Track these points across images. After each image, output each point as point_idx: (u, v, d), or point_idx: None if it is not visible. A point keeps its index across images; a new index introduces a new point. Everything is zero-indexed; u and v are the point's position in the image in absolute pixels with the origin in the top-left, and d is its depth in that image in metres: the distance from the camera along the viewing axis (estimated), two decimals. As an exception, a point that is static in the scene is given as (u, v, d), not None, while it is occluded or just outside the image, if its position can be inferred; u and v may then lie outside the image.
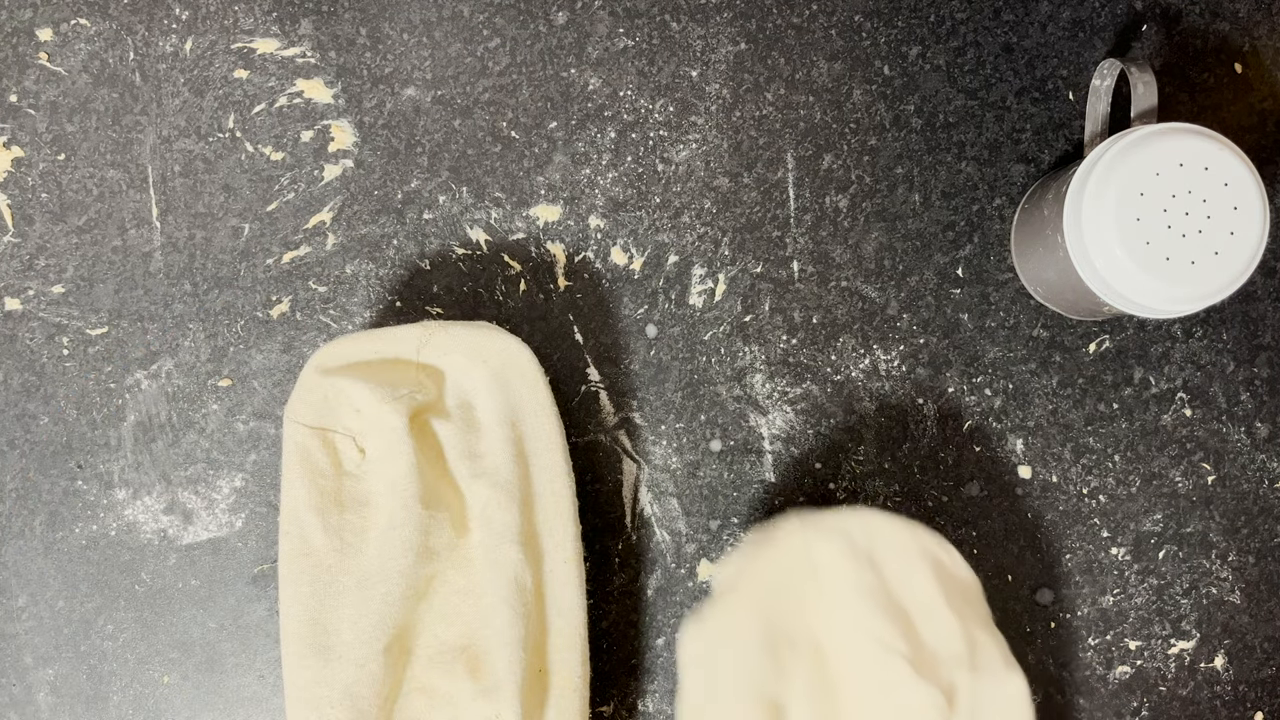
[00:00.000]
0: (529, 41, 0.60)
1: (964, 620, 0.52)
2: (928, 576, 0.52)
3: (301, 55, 0.60)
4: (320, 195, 0.60)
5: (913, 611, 0.52)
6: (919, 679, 0.50)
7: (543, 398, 0.56)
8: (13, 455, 0.60)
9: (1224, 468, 0.60)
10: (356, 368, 0.55)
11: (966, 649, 0.51)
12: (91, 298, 0.60)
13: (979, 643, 0.52)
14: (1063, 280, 0.55)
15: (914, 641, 0.51)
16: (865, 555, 0.52)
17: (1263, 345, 0.60)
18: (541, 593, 0.54)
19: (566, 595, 0.54)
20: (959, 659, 0.51)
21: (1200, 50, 0.60)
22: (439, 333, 0.56)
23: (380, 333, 0.56)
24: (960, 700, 0.51)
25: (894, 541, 0.52)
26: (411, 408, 0.54)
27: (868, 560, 0.52)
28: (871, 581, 0.51)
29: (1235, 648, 0.60)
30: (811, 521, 0.53)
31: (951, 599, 0.52)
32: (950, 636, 0.51)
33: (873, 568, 0.52)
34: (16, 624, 0.59)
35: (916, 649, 0.51)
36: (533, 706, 0.54)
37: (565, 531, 0.55)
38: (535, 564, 0.54)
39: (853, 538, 0.52)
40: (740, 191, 0.60)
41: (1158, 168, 0.50)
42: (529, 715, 0.53)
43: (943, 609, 0.52)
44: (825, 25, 0.60)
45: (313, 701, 0.53)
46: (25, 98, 0.60)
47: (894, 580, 0.52)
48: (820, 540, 0.52)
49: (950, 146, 0.60)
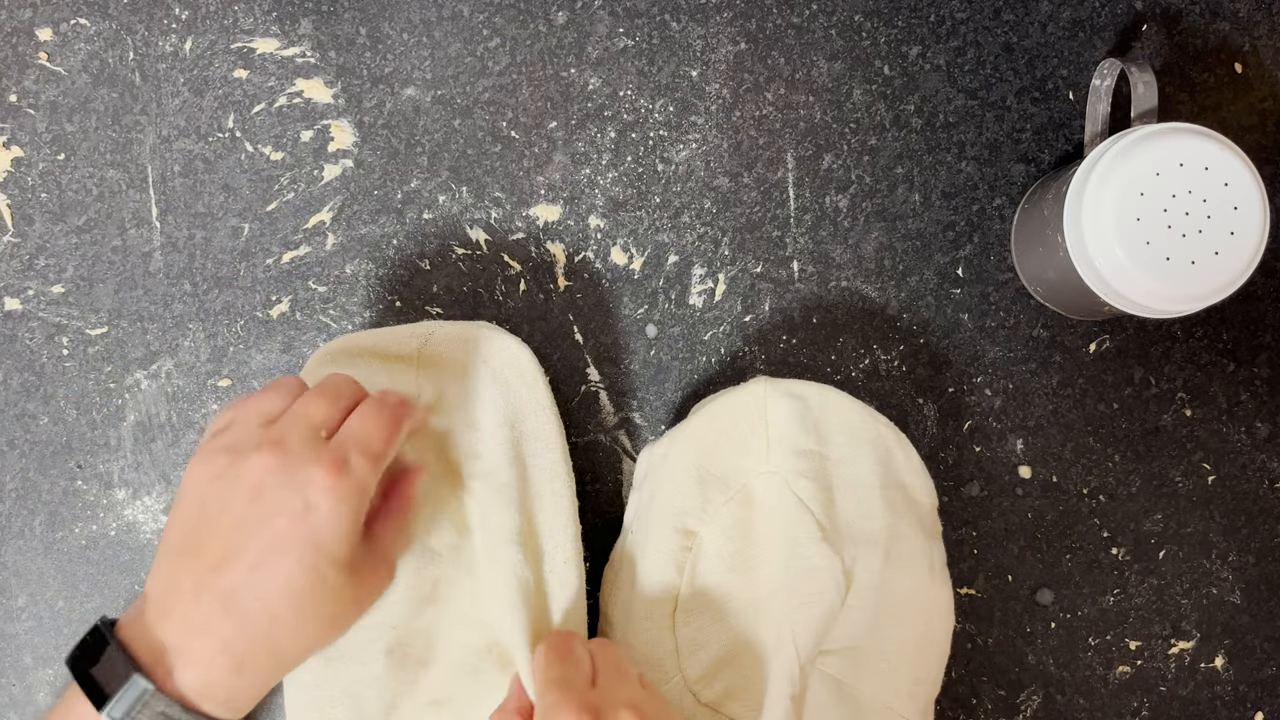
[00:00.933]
0: (529, 41, 0.60)
1: (894, 513, 0.54)
2: (870, 462, 0.54)
3: (301, 55, 0.60)
4: (320, 195, 0.60)
5: (840, 487, 0.54)
6: (823, 543, 0.52)
7: (542, 398, 0.56)
8: (12, 455, 0.60)
9: (1224, 468, 0.60)
10: (354, 367, 0.55)
11: (884, 537, 0.53)
12: (91, 298, 0.60)
13: (903, 537, 0.54)
14: (1063, 280, 0.55)
15: (830, 512, 0.53)
16: (814, 424, 0.54)
17: (1263, 345, 0.60)
18: (543, 591, 0.54)
19: (567, 595, 0.54)
20: (871, 543, 0.53)
21: (1200, 50, 0.60)
22: (438, 332, 0.56)
23: (380, 332, 0.56)
24: (861, 581, 0.53)
25: (845, 420, 0.54)
26: None
27: (815, 428, 0.54)
28: (811, 446, 0.54)
29: (1235, 648, 0.60)
30: (776, 382, 0.55)
31: (888, 491, 0.54)
32: (869, 519, 0.53)
33: (817, 436, 0.54)
34: (16, 624, 0.59)
35: (831, 518, 0.53)
36: None
37: (565, 532, 0.55)
38: (535, 564, 0.54)
39: (808, 404, 0.54)
40: (740, 191, 0.60)
41: (1158, 168, 0.50)
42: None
43: (872, 494, 0.54)
44: (825, 25, 0.60)
45: (314, 702, 0.53)
46: (25, 97, 0.60)
47: (834, 454, 0.54)
48: (776, 399, 0.54)
49: (950, 146, 0.60)
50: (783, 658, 0.52)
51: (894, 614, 0.54)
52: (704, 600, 0.53)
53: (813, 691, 0.53)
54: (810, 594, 0.52)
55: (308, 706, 0.53)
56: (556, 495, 0.55)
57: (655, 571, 0.54)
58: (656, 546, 0.54)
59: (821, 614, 0.52)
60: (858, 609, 0.53)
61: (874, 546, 0.53)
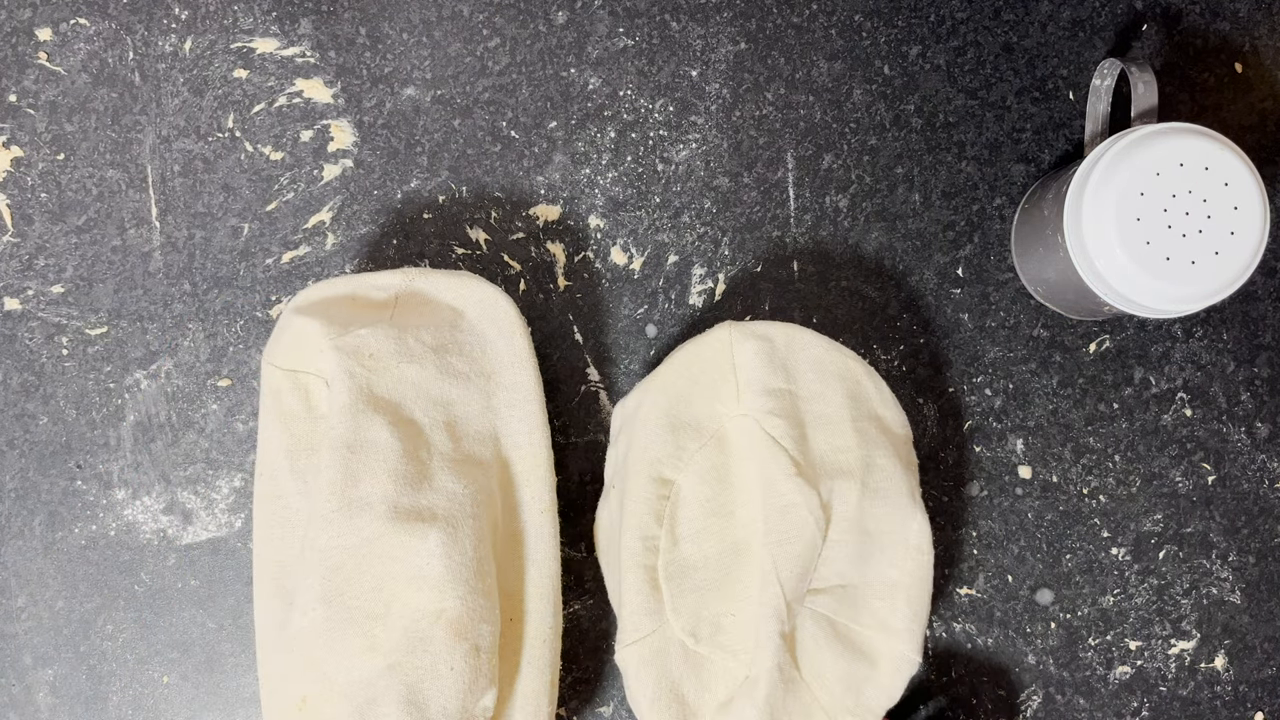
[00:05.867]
0: (529, 41, 0.60)
1: (867, 444, 0.54)
2: (839, 395, 0.54)
3: (301, 55, 0.60)
4: (320, 195, 0.60)
5: (812, 423, 0.54)
6: (797, 478, 0.52)
7: (521, 348, 0.55)
8: (12, 455, 0.59)
9: (1224, 468, 0.60)
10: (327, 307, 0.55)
11: (859, 468, 0.54)
12: (91, 297, 0.60)
13: (879, 468, 0.54)
14: (1063, 280, 0.55)
15: (804, 447, 0.54)
16: (781, 362, 0.54)
17: (1263, 345, 0.60)
18: (520, 540, 0.54)
19: (542, 547, 0.54)
20: (846, 474, 0.53)
21: (1200, 50, 0.60)
22: (419, 279, 0.55)
23: (361, 277, 0.56)
24: (839, 513, 0.53)
25: (812, 355, 0.55)
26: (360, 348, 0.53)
27: (783, 367, 0.54)
28: (780, 385, 0.54)
29: (1235, 648, 0.60)
30: (742, 325, 0.55)
31: (860, 423, 0.54)
32: (842, 451, 0.54)
33: (786, 374, 0.54)
34: (16, 624, 0.59)
35: (804, 454, 0.53)
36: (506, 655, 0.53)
37: (542, 483, 0.55)
38: (511, 514, 0.54)
39: (774, 344, 0.55)
40: (740, 191, 0.60)
41: (1158, 168, 0.50)
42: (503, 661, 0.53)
43: (844, 427, 0.54)
44: (825, 25, 0.60)
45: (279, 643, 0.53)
46: (24, 97, 0.60)
47: (804, 391, 0.54)
48: (743, 340, 0.55)
49: (950, 146, 0.60)
50: (768, 595, 0.52)
51: (879, 547, 0.54)
52: (687, 548, 0.54)
53: (806, 631, 0.54)
54: (789, 530, 0.52)
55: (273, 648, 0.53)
56: (534, 446, 0.55)
57: (636, 522, 0.54)
58: (635, 497, 0.54)
59: (803, 549, 0.52)
60: (840, 543, 0.53)
61: (849, 478, 0.53)
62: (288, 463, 0.53)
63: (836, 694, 0.53)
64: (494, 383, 0.55)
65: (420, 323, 0.54)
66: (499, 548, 0.54)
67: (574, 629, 0.59)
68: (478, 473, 0.53)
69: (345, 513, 0.51)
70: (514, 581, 0.54)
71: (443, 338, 0.54)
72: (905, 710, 0.59)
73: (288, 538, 0.53)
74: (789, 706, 0.53)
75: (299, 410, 0.54)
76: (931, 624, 0.60)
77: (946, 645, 0.60)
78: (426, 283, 0.55)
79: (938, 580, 0.60)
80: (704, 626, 0.54)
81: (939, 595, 0.60)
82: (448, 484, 0.53)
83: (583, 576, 0.59)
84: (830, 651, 0.53)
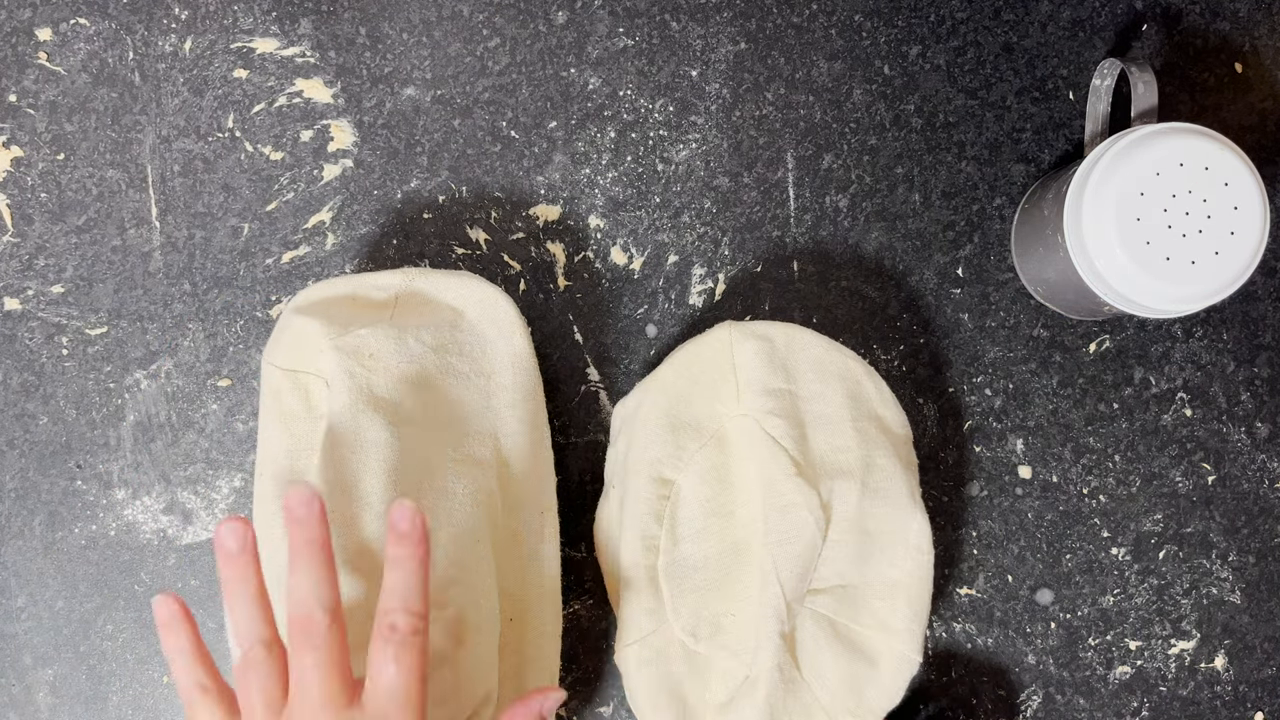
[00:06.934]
0: (529, 41, 0.60)
1: (867, 444, 0.54)
2: (839, 395, 0.55)
3: (301, 55, 0.60)
4: (320, 195, 0.60)
5: (811, 423, 0.54)
6: (797, 478, 0.53)
7: (521, 347, 0.55)
8: (12, 455, 0.59)
9: (1224, 468, 0.60)
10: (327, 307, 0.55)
11: (860, 468, 0.54)
12: (91, 297, 0.60)
13: (879, 468, 0.54)
14: (1063, 280, 0.55)
15: (804, 447, 0.54)
16: (781, 362, 0.55)
17: (1263, 345, 0.60)
18: (520, 540, 0.54)
19: (542, 547, 0.54)
20: (846, 474, 0.54)
21: (1200, 50, 0.60)
22: (419, 279, 0.55)
23: (361, 277, 0.56)
24: (839, 513, 0.53)
25: (812, 355, 0.55)
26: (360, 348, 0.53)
27: (783, 367, 0.55)
28: (780, 385, 0.54)
29: (1235, 648, 0.60)
30: (742, 325, 0.55)
31: (860, 423, 0.54)
32: (842, 451, 0.54)
33: (786, 374, 0.54)
34: (16, 624, 0.59)
35: (804, 454, 0.54)
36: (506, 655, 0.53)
37: (542, 483, 0.55)
38: (511, 514, 0.54)
39: (774, 344, 0.55)
40: (740, 191, 0.60)
41: (1158, 168, 0.50)
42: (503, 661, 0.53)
43: (843, 427, 0.54)
44: (825, 25, 0.60)
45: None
46: (24, 97, 0.60)
47: (804, 391, 0.55)
48: (743, 340, 0.55)
49: (950, 146, 0.60)
50: (769, 596, 0.52)
51: (879, 547, 0.54)
52: (687, 548, 0.54)
53: (807, 631, 0.54)
54: (789, 530, 0.53)
55: None
56: (535, 446, 0.55)
57: (636, 522, 0.54)
58: (635, 497, 0.54)
59: (803, 549, 0.53)
60: (840, 543, 0.54)
61: (849, 478, 0.54)
62: (288, 463, 0.53)
63: (837, 694, 0.53)
64: (494, 383, 0.55)
65: (420, 323, 0.54)
66: (499, 548, 0.54)
67: (574, 629, 0.59)
68: (477, 472, 0.53)
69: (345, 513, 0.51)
70: (514, 581, 0.54)
71: (443, 338, 0.54)
72: (906, 711, 0.59)
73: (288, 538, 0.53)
74: (789, 706, 0.53)
75: (299, 410, 0.54)
76: (931, 624, 0.60)
77: (946, 645, 0.60)
78: (426, 283, 0.55)
79: (938, 580, 0.60)
80: (704, 626, 0.54)
81: (939, 595, 0.60)
82: (448, 484, 0.53)
83: (583, 576, 0.59)
84: (830, 651, 0.54)
